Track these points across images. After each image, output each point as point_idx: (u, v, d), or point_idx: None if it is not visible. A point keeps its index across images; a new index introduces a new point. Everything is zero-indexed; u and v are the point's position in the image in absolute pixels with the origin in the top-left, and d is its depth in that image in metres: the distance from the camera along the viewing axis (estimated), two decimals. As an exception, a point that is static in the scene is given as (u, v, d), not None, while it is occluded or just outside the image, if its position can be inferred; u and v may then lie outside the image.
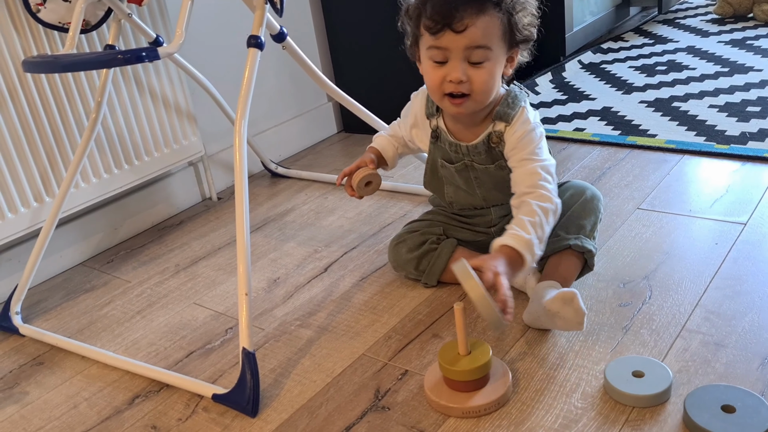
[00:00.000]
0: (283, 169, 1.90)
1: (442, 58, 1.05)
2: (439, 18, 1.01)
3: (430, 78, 1.08)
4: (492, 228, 1.24)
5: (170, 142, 1.63)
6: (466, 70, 1.04)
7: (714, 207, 1.38)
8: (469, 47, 1.02)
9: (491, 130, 1.13)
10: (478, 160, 1.16)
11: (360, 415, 0.97)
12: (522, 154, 1.10)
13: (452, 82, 1.04)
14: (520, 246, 0.99)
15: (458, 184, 1.20)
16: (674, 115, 1.85)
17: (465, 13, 1.01)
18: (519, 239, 1.00)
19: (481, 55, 1.03)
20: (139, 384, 1.11)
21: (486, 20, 1.02)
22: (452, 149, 1.17)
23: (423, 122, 1.21)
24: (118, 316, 1.33)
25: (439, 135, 1.18)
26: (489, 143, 1.13)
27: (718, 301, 1.09)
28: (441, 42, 1.03)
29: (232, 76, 1.75)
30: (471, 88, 1.05)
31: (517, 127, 1.11)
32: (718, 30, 2.60)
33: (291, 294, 1.31)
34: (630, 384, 0.91)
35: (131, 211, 1.65)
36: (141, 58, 0.99)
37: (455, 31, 1.01)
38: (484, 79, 1.05)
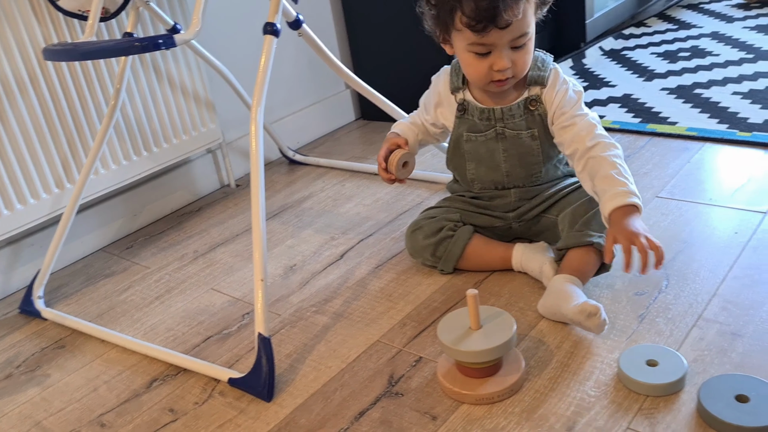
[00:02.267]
0: (301, 156, 1.90)
1: (485, 50, 1.06)
2: (482, 17, 1.01)
3: (474, 69, 1.09)
4: (510, 213, 1.24)
5: (189, 129, 1.64)
6: (510, 56, 1.07)
7: (735, 196, 1.36)
8: (513, 38, 1.05)
9: (527, 95, 1.14)
10: (511, 125, 1.16)
11: (374, 400, 0.98)
12: (569, 113, 1.12)
13: (499, 71, 1.07)
14: (627, 200, 0.98)
15: (482, 158, 1.20)
16: (696, 102, 1.82)
17: (507, 7, 1.01)
18: (624, 195, 0.99)
19: (524, 40, 1.06)
20: (157, 368, 1.13)
21: (526, 8, 1.04)
22: (483, 116, 1.17)
23: (448, 99, 1.21)
24: (137, 301, 1.35)
25: (467, 107, 1.18)
26: (526, 107, 1.15)
27: (737, 290, 1.08)
28: (486, 39, 1.04)
29: (250, 63, 1.75)
30: (515, 71, 1.09)
31: (558, 87, 1.13)
32: (743, 15, 2.55)
33: (307, 281, 1.32)
34: (644, 373, 0.91)
35: (150, 198, 1.67)
36: (158, 45, 0.99)
37: (500, 28, 1.02)
38: (526, 60, 1.09)
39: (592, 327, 1.00)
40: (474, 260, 1.22)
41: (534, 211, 1.23)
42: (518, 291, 1.16)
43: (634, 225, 0.96)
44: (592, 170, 1.06)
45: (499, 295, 1.16)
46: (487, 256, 1.22)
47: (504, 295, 1.16)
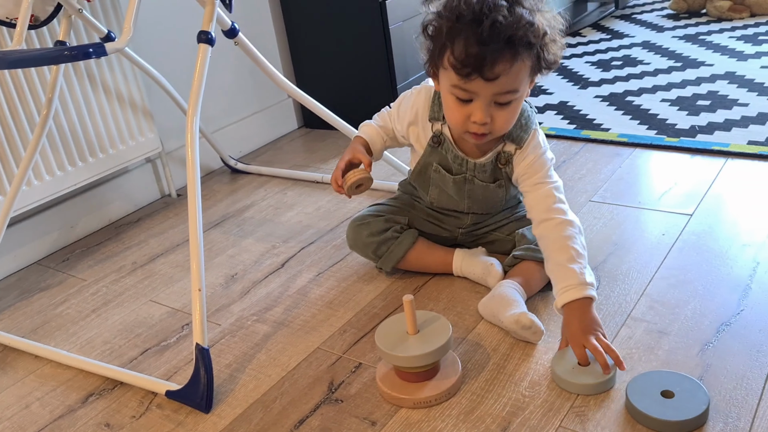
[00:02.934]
0: (243, 165, 1.89)
1: (467, 97, 1.01)
2: (469, 63, 0.95)
3: (452, 114, 1.04)
4: (460, 230, 1.25)
5: (126, 138, 1.62)
6: (491, 111, 1.01)
7: (662, 199, 1.41)
8: (498, 93, 0.99)
9: (501, 150, 1.12)
10: (481, 177, 1.15)
11: (313, 408, 0.98)
12: (535, 178, 1.10)
13: (475, 123, 1.01)
14: (579, 294, 0.97)
15: (447, 190, 1.19)
16: (627, 109, 1.89)
17: (498, 61, 0.95)
18: (574, 290, 0.98)
19: (509, 98, 1.01)
20: (93, 382, 1.11)
21: (518, 67, 0.97)
22: (456, 161, 1.15)
23: (424, 123, 1.16)
24: (72, 315, 1.31)
25: (442, 142, 1.15)
26: (497, 163, 1.13)
27: (663, 290, 1.13)
28: (469, 86, 0.98)
29: (189, 72, 1.74)
30: (492, 128, 1.03)
31: (529, 152, 1.10)
32: (672, 25, 2.66)
33: (248, 290, 1.31)
34: (575, 374, 0.94)
35: (88, 209, 1.64)
36: (88, 54, 0.98)
37: (486, 79, 0.96)
38: (507, 119, 1.03)
39: (527, 336, 1.03)
40: (414, 263, 1.24)
41: (484, 229, 1.25)
42: (456, 295, 1.18)
43: (584, 326, 0.96)
44: (545, 250, 1.06)
45: (437, 300, 1.18)
46: (428, 260, 1.24)
47: (442, 300, 1.18)
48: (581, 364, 0.95)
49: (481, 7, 0.95)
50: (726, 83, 1.98)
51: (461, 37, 0.96)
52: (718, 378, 0.92)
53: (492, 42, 0.94)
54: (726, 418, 0.86)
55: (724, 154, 1.56)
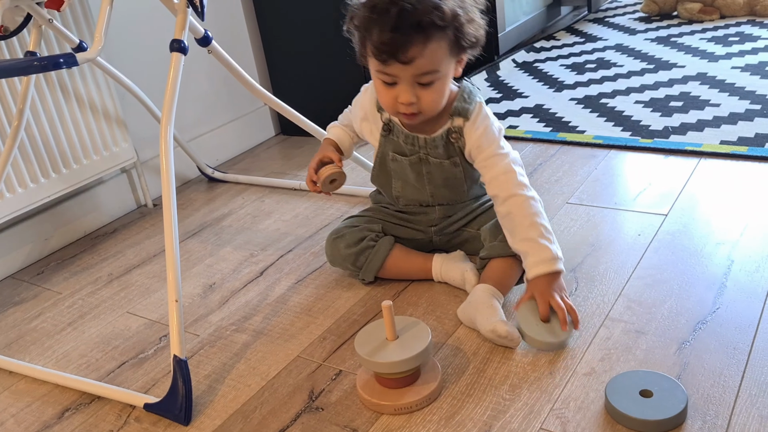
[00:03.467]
0: (220, 174, 1.88)
1: (390, 80, 1.06)
2: (384, 50, 1.01)
3: (382, 96, 1.10)
4: (432, 227, 1.26)
5: (100, 148, 1.60)
6: (416, 92, 1.06)
7: (638, 199, 1.43)
8: (417, 74, 1.04)
9: (450, 126, 1.14)
10: (434, 154, 1.17)
11: (294, 417, 0.97)
12: (488, 151, 1.12)
13: (403, 104, 1.06)
14: (548, 268, 1.04)
15: (407, 179, 1.21)
16: (602, 111, 1.91)
17: (411, 44, 1.00)
18: (544, 264, 1.04)
19: (430, 78, 1.05)
20: (70, 397, 1.09)
21: (432, 48, 1.02)
22: (408, 141, 1.17)
23: (374, 116, 1.20)
24: (48, 328, 1.29)
25: (392, 128, 1.18)
26: (448, 138, 1.15)
27: (640, 290, 1.13)
28: (388, 70, 1.04)
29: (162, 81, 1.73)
30: (421, 107, 1.07)
31: (478, 123, 1.13)
32: (644, 28, 2.69)
33: (227, 299, 1.30)
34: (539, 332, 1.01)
35: (62, 221, 1.62)
36: (59, 64, 0.97)
37: (402, 63, 1.02)
38: (433, 98, 1.07)
39: (505, 343, 1.04)
40: (394, 270, 1.24)
41: (455, 226, 1.25)
42: (436, 300, 1.18)
43: (552, 287, 1.03)
44: (512, 226, 1.08)
45: (417, 305, 1.18)
46: (407, 267, 1.24)
47: (422, 305, 1.18)
48: (542, 318, 1.02)
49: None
50: (698, 84, 2.00)
51: (376, 26, 1.02)
52: (695, 376, 0.93)
53: (402, 28, 1.00)
54: (704, 416, 0.87)
55: (697, 154, 1.58)
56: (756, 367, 0.94)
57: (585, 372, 0.97)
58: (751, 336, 1.00)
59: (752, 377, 0.92)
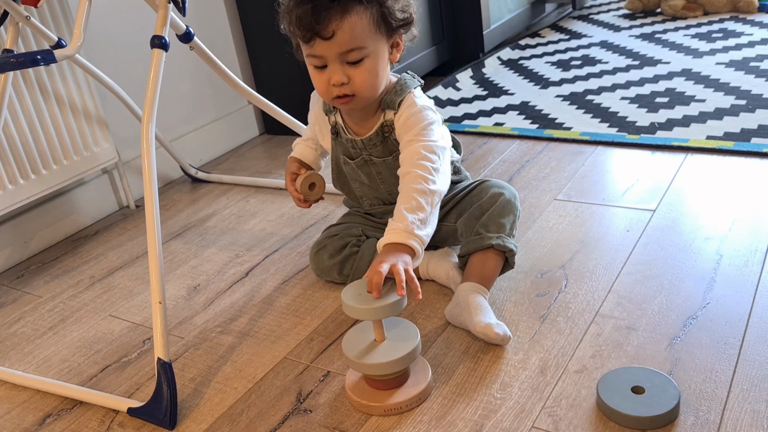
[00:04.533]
0: (204, 174, 1.85)
1: (320, 63, 1.03)
2: (304, 26, 0.99)
3: (316, 83, 1.07)
4: None
5: (80, 149, 1.57)
6: (346, 71, 1.03)
7: (626, 195, 1.42)
8: (342, 52, 1.01)
9: (383, 121, 1.12)
10: (376, 153, 1.15)
11: (282, 419, 0.96)
12: (408, 135, 1.08)
13: (335, 85, 1.04)
14: (400, 238, 0.96)
15: (362, 180, 1.20)
16: (588, 107, 1.90)
17: (328, 18, 0.98)
18: (396, 233, 0.97)
19: (357, 55, 1.02)
20: (51, 403, 1.06)
21: (353, 21, 1.00)
22: (350, 145, 1.16)
23: (322, 120, 1.20)
24: (28, 333, 1.26)
25: (339, 131, 1.17)
26: (383, 134, 1.13)
27: (630, 286, 1.13)
28: (314, 50, 1.02)
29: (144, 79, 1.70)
30: (354, 88, 1.04)
31: (403, 111, 1.10)
32: (629, 25, 2.70)
33: (212, 300, 1.28)
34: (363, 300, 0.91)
35: (42, 223, 1.58)
36: (36, 61, 0.94)
37: (323, 38, 1.00)
38: (365, 78, 1.04)
39: (499, 342, 1.02)
40: None
41: None
42: (424, 299, 1.17)
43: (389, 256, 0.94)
44: (398, 197, 1.04)
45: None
46: None
47: (410, 304, 1.16)
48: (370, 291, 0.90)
49: None
50: (683, 80, 2.01)
51: (295, 6, 1.01)
52: (687, 372, 0.93)
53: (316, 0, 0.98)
54: (697, 412, 0.86)
55: (684, 150, 1.58)
56: (747, 362, 0.93)
57: (576, 369, 0.96)
58: (741, 330, 0.99)
59: (744, 372, 0.91)
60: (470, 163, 1.66)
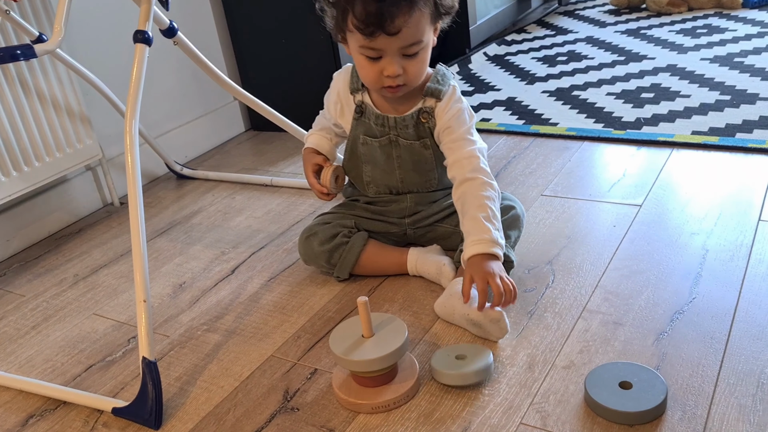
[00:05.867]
0: (189, 171, 1.84)
1: (375, 55, 1.04)
2: (371, 22, 0.99)
3: (366, 72, 1.07)
4: (406, 219, 1.23)
5: (63, 145, 1.55)
6: (402, 63, 1.05)
7: (612, 191, 1.42)
8: (403, 46, 1.03)
9: (422, 106, 1.13)
10: (404, 135, 1.15)
11: (269, 418, 0.95)
12: (456, 134, 1.11)
13: (390, 76, 1.05)
14: (488, 248, 1.01)
15: (377, 162, 1.19)
16: (574, 103, 1.90)
17: (397, 14, 0.99)
18: (484, 243, 1.02)
19: (416, 48, 1.04)
20: (34, 403, 1.05)
21: (417, 16, 1.01)
22: (378, 122, 1.16)
23: (347, 98, 1.19)
24: (10, 332, 1.25)
25: (364, 110, 1.17)
26: (418, 118, 1.14)
27: (617, 281, 1.13)
28: (374, 44, 1.02)
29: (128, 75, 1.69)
30: (407, 79, 1.06)
31: (451, 105, 1.12)
32: (614, 20, 2.70)
33: (197, 298, 1.27)
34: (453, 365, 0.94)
35: (25, 221, 1.56)
36: (16, 56, 0.93)
37: (389, 34, 1.00)
38: (418, 68, 1.07)
39: (495, 331, 1.01)
40: (369, 266, 1.21)
41: (430, 219, 1.23)
42: (412, 295, 1.17)
43: (490, 267, 1.00)
44: (463, 206, 1.08)
45: (393, 300, 1.16)
46: (382, 262, 1.22)
47: (398, 300, 1.16)
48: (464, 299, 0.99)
49: None
50: (668, 76, 2.01)
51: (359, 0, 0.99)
52: (674, 366, 0.93)
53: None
54: (684, 407, 0.86)
55: (670, 145, 1.59)
56: (733, 356, 0.93)
57: (564, 365, 0.96)
58: (727, 325, 0.99)
59: (730, 366, 0.92)
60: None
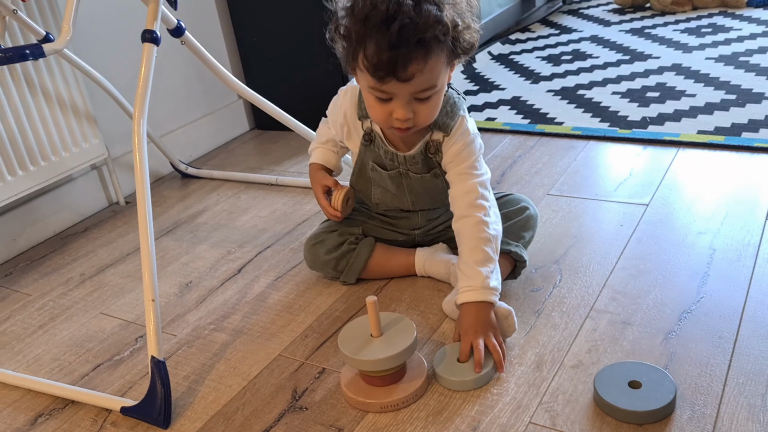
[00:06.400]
0: (194, 170, 1.84)
1: (386, 97, 0.98)
2: (382, 68, 0.92)
3: (375, 112, 1.02)
4: (415, 231, 1.23)
5: (69, 145, 1.55)
6: (413, 107, 0.98)
7: (618, 190, 1.42)
8: (415, 92, 0.97)
9: (429, 140, 1.09)
10: (414, 170, 1.13)
11: (277, 417, 0.95)
12: (461, 167, 1.07)
13: (398, 119, 0.99)
14: (481, 297, 0.99)
15: (387, 188, 1.17)
16: (579, 102, 1.90)
17: (410, 62, 0.92)
18: (476, 291, 0.99)
19: (428, 93, 0.98)
20: (42, 402, 1.05)
21: (432, 63, 0.94)
22: (387, 157, 1.13)
23: (354, 123, 1.14)
24: (17, 332, 1.25)
25: (373, 139, 1.13)
26: (426, 153, 1.11)
27: (624, 280, 1.13)
28: (385, 88, 0.96)
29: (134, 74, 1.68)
30: (417, 122, 1.01)
31: (456, 138, 1.07)
32: (618, 19, 2.70)
33: (204, 298, 1.27)
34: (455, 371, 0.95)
35: (31, 220, 1.56)
36: (24, 56, 0.93)
37: (400, 81, 0.94)
38: (429, 111, 1.01)
39: (504, 329, 1.01)
40: (377, 270, 1.21)
41: (441, 227, 1.22)
42: (419, 294, 1.17)
43: (478, 324, 0.98)
44: (459, 245, 1.05)
45: (400, 300, 1.16)
46: (390, 266, 1.21)
47: (405, 299, 1.16)
48: (460, 360, 0.96)
49: (387, 8, 0.91)
50: (673, 75, 2.01)
51: (372, 41, 0.92)
52: (682, 366, 0.93)
53: (402, 45, 0.91)
54: (693, 406, 0.86)
55: (676, 144, 1.59)
56: (742, 356, 0.93)
57: (572, 365, 0.96)
58: (735, 324, 0.99)
59: (739, 366, 0.92)
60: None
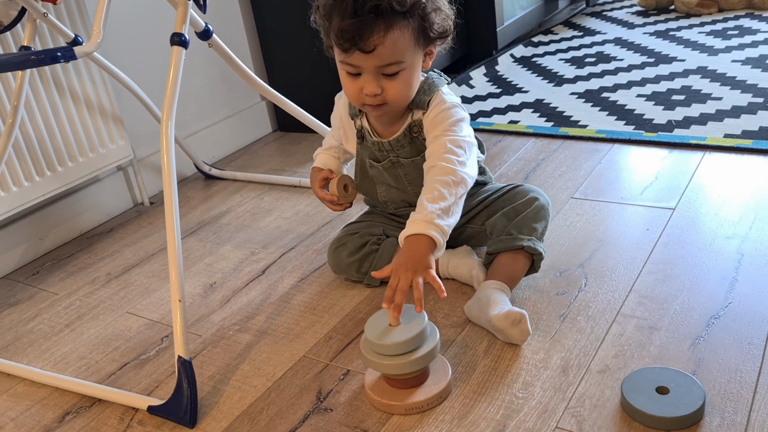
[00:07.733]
0: (217, 171, 1.85)
1: (354, 71, 1.02)
2: (345, 37, 0.97)
3: (346, 88, 1.06)
4: None
5: (96, 146, 1.57)
6: (381, 83, 1.02)
7: (644, 194, 1.41)
8: (380, 65, 1.00)
9: (411, 120, 1.12)
10: (403, 154, 1.14)
11: (302, 418, 0.95)
12: (435, 131, 1.08)
13: (368, 95, 1.02)
14: (420, 229, 0.96)
15: (389, 182, 1.19)
16: (604, 105, 1.89)
17: (372, 32, 0.96)
18: (416, 223, 0.97)
19: (395, 69, 1.01)
20: (70, 400, 1.06)
21: (395, 35, 0.98)
22: (376, 147, 1.15)
23: (348, 123, 1.18)
24: (45, 330, 1.27)
25: (365, 135, 1.16)
26: (411, 134, 1.12)
27: (651, 285, 1.12)
28: (351, 60, 1.00)
29: (159, 76, 1.70)
30: (386, 99, 1.04)
31: (432, 108, 1.09)
32: (642, 22, 2.68)
33: (228, 298, 1.28)
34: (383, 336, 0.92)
35: (57, 220, 1.58)
36: (56, 58, 0.94)
37: (364, 52, 0.98)
38: (399, 89, 1.03)
39: (517, 334, 1.00)
40: None
41: (458, 222, 1.22)
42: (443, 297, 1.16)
43: (412, 260, 0.94)
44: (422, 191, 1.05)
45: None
46: None
47: (428, 301, 1.15)
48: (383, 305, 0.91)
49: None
50: (699, 78, 1.99)
51: (336, 13, 0.98)
52: (711, 372, 0.92)
53: (361, 13, 0.96)
54: (722, 413, 0.85)
55: (702, 148, 1.57)
56: (772, 363, 0.92)
57: (599, 369, 0.95)
58: (765, 330, 0.98)
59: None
60: (485, 162, 1.65)
